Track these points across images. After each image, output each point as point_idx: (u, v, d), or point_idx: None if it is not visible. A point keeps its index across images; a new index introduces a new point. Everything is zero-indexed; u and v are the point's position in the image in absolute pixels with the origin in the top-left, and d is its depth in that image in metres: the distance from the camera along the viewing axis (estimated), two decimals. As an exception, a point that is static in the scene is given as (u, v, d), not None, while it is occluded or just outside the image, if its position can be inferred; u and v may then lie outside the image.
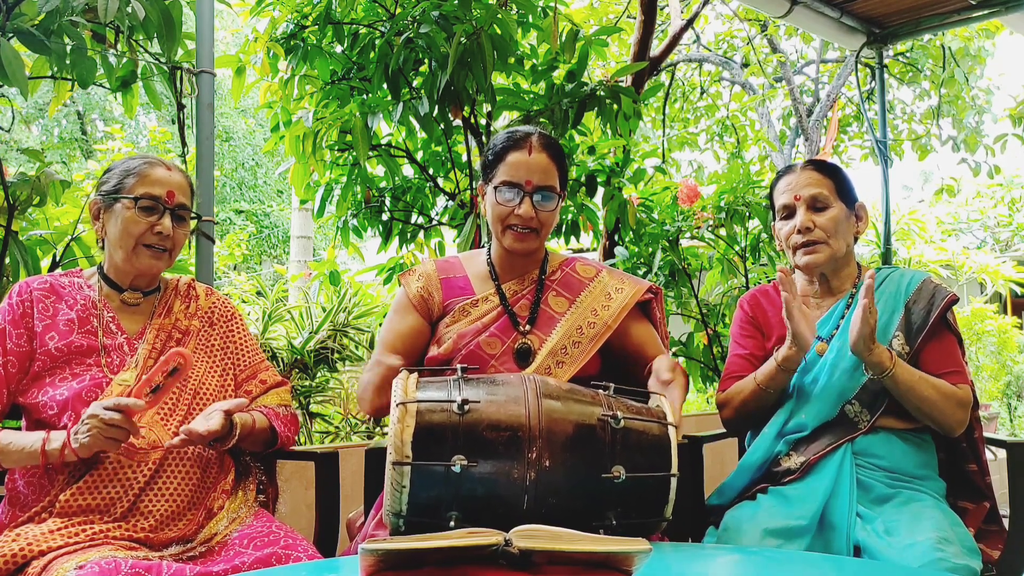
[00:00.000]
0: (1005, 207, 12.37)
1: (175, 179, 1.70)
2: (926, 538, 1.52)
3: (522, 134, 1.74)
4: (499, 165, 1.73)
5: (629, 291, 1.78)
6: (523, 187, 1.70)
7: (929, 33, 6.46)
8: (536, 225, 1.72)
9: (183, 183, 1.72)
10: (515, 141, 1.73)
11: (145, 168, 1.68)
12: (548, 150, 1.73)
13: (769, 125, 8.86)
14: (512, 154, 1.72)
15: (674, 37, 5.25)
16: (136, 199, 1.65)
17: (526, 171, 1.70)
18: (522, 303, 1.77)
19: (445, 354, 1.72)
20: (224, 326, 1.83)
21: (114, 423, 1.44)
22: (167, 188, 1.68)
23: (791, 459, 1.77)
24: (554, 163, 1.73)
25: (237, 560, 1.46)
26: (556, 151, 1.75)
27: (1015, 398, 7.52)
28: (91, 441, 1.44)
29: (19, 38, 2.12)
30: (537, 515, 1.23)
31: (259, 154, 15.85)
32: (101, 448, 1.46)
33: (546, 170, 1.72)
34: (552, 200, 1.73)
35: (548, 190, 1.72)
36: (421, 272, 1.83)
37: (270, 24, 3.11)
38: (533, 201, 1.70)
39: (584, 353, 1.70)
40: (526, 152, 1.71)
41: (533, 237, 1.73)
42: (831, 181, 1.85)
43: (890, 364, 1.69)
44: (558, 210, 1.77)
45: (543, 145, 1.73)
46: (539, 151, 1.72)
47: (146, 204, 1.66)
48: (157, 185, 1.67)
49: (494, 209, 1.74)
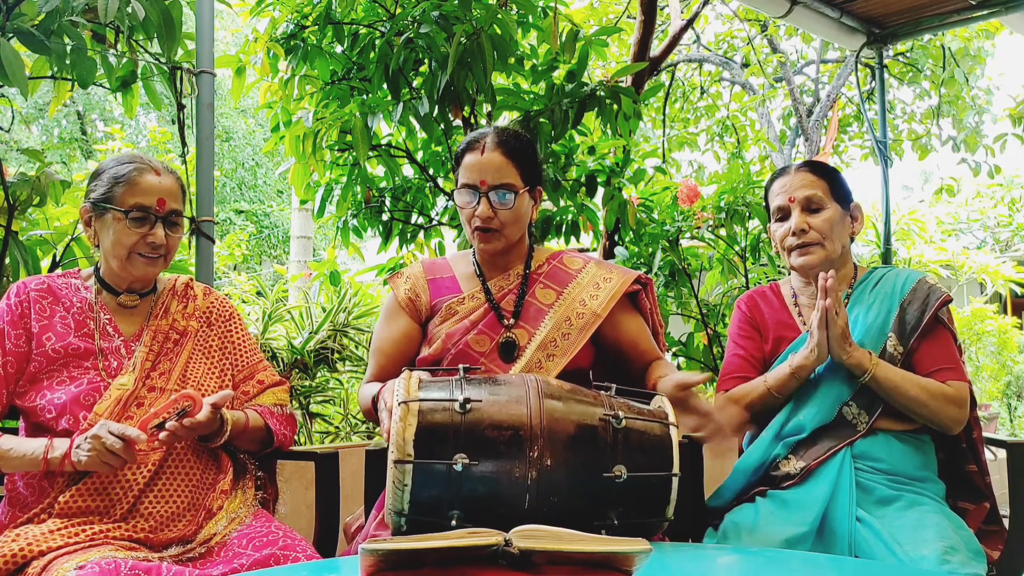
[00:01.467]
0: (1005, 207, 12.37)
1: (165, 184, 1.66)
2: (932, 550, 1.51)
3: (476, 136, 1.75)
4: (459, 169, 1.75)
5: (617, 280, 1.78)
6: (478, 188, 1.71)
7: (929, 33, 6.46)
8: (496, 225, 1.72)
9: (173, 187, 1.68)
10: (469, 144, 1.75)
11: (134, 175, 1.63)
12: (501, 147, 1.72)
13: (769, 125, 8.86)
14: (467, 156, 1.74)
15: (674, 37, 5.25)
16: (127, 212, 1.61)
17: (479, 172, 1.71)
18: (508, 298, 1.77)
19: (435, 354, 1.72)
20: (222, 326, 1.82)
21: (114, 450, 1.44)
22: (157, 196, 1.64)
23: (790, 463, 1.76)
24: (510, 160, 1.72)
25: (236, 562, 1.46)
26: (511, 148, 1.73)
27: (1015, 398, 7.52)
28: (88, 461, 1.45)
29: (19, 38, 2.12)
30: (538, 514, 1.23)
31: (259, 154, 15.85)
32: (97, 469, 1.47)
33: (500, 168, 1.71)
34: (509, 198, 1.71)
35: (504, 188, 1.71)
36: (408, 274, 1.84)
37: (270, 24, 3.11)
38: (490, 201, 1.70)
39: (574, 344, 1.70)
40: (479, 153, 1.72)
41: (496, 237, 1.73)
42: (825, 182, 1.85)
43: (869, 366, 1.69)
44: (523, 206, 1.75)
45: (496, 143, 1.72)
46: (492, 150, 1.72)
47: (137, 216, 1.62)
48: (147, 194, 1.63)
49: (460, 213, 1.76)
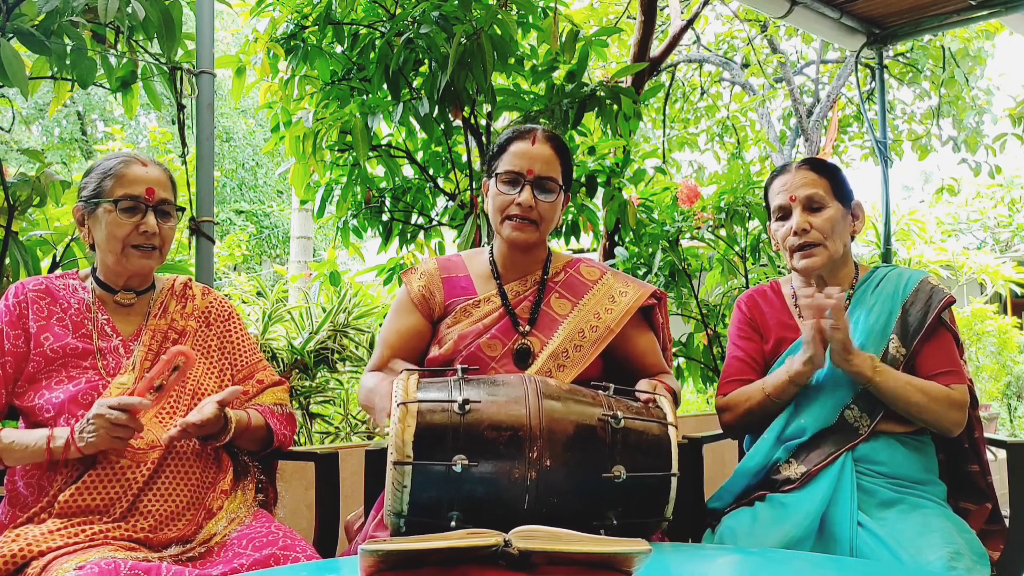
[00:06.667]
0: (1005, 207, 12.37)
1: (153, 175, 1.67)
2: (937, 556, 1.50)
3: (528, 127, 1.77)
4: (502, 155, 1.75)
5: (633, 295, 1.77)
6: (524, 176, 1.71)
7: (929, 33, 6.46)
8: (535, 216, 1.72)
9: (162, 178, 1.69)
10: (520, 133, 1.76)
11: (121, 168, 1.65)
12: (551, 142, 1.75)
13: (769, 125, 8.86)
14: (516, 144, 1.74)
15: (674, 37, 5.25)
16: (116, 201, 1.63)
17: (528, 160, 1.71)
18: (524, 304, 1.76)
19: (446, 355, 1.71)
20: (221, 326, 1.82)
21: (120, 423, 1.45)
22: (146, 185, 1.65)
23: (791, 467, 1.75)
24: (557, 156, 1.75)
25: (236, 562, 1.46)
26: (559, 145, 1.77)
27: (1015, 398, 7.52)
28: (97, 440, 1.45)
29: (19, 38, 2.12)
30: (538, 515, 1.23)
31: (259, 154, 15.85)
32: (107, 447, 1.48)
33: (548, 161, 1.73)
34: (553, 193, 1.73)
35: (549, 181, 1.72)
36: (423, 271, 1.82)
37: (270, 24, 3.11)
38: (534, 191, 1.71)
39: (585, 357, 1.69)
40: (530, 142, 1.73)
41: (532, 228, 1.73)
42: (826, 180, 1.83)
43: (871, 373, 1.68)
44: (559, 206, 1.76)
45: (547, 137, 1.75)
46: (543, 142, 1.74)
47: (127, 205, 1.64)
48: (136, 184, 1.65)
49: (495, 200, 1.74)
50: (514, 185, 1.72)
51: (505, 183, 1.73)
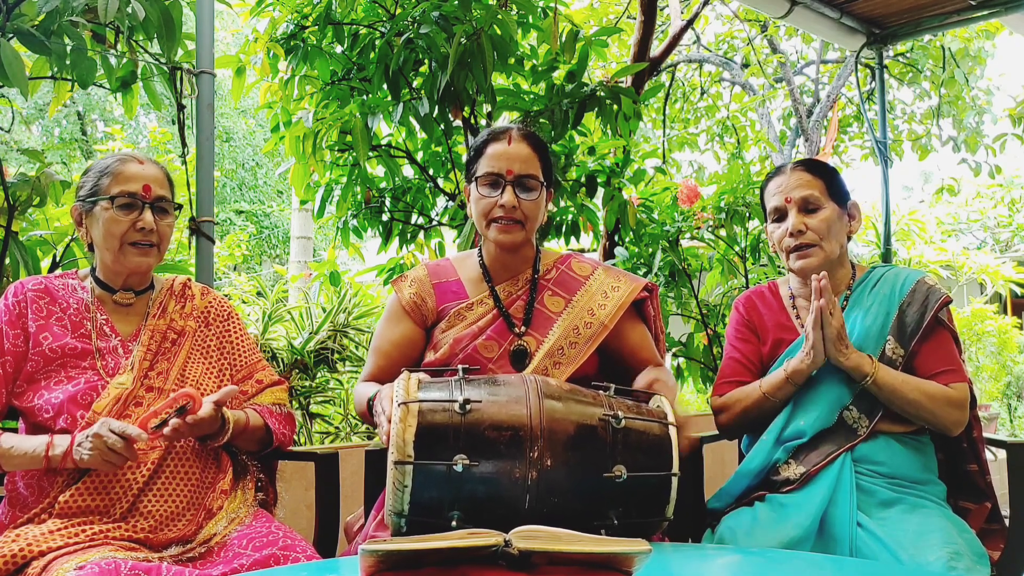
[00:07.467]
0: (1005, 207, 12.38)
1: (149, 172, 1.68)
2: (937, 556, 1.50)
3: (502, 128, 1.76)
4: (480, 159, 1.75)
5: (625, 289, 1.77)
6: (504, 176, 1.71)
7: (929, 33, 6.46)
8: (520, 216, 1.71)
9: (159, 175, 1.70)
10: (495, 134, 1.75)
11: (117, 166, 1.67)
12: (528, 140, 1.74)
13: (769, 126, 8.86)
14: (492, 146, 1.74)
15: (674, 37, 5.25)
16: (113, 199, 1.64)
17: (506, 160, 1.71)
18: (517, 304, 1.76)
19: (442, 359, 1.71)
20: (220, 326, 1.82)
21: (115, 449, 1.45)
22: (143, 182, 1.66)
23: (790, 468, 1.75)
24: (535, 153, 1.74)
25: (236, 562, 1.46)
26: (536, 142, 1.76)
27: (1015, 398, 7.52)
28: (90, 459, 1.46)
29: (19, 38, 2.12)
30: (539, 514, 1.23)
31: (259, 154, 15.85)
32: (98, 467, 1.48)
33: (526, 159, 1.72)
34: (534, 191, 1.72)
35: (530, 179, 1.71)
36: (413, 278, 1.82)
37: (270, 24, 3.11)
38: (515, 191, 1.70)
39: (581, 354, 1.69)
40: (506, 142, 1.73)
41: (518, 228, 1.72)
42: (822, 181, 1.83)
43: (870, 369, 1.68)
44: (542, 204, 1.75)
45: (523, 136, 1.75)
46: (519, 141, 1.73)
47: (124, 202, 1.64)
48: (132, 181, 1.65)
49: (478, 204, 1.74)
50: (495, 187, 1.71)
51: (486, 186, 1.72)
